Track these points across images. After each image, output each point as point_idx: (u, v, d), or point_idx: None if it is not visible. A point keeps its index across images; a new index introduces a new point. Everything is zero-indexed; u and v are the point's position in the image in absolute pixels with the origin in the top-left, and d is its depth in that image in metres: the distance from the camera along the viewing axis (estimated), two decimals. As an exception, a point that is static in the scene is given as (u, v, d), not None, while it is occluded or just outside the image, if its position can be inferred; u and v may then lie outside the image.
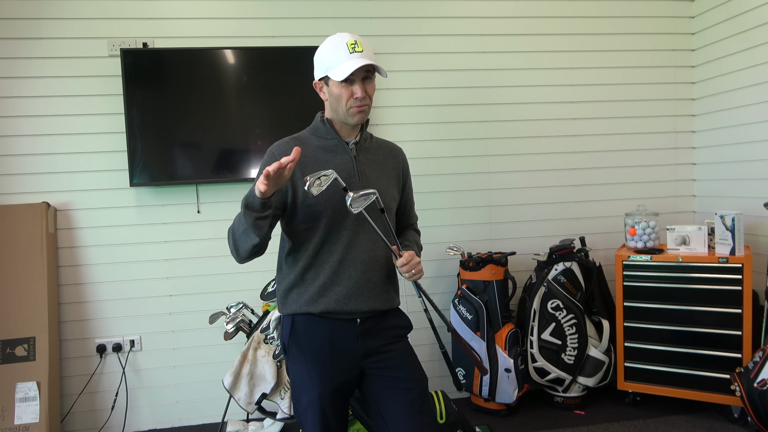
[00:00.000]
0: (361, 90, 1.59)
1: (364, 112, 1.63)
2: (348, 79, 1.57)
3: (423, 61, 3.26)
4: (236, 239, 1.55)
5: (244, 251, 1.56)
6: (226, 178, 3.01)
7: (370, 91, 1.63)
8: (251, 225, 1.48)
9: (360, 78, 1.59)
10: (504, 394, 2.99)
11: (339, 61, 1.57)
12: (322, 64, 1.62)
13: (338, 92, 1.60)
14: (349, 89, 1.59)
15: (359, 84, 1.59)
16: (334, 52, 1.58)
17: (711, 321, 2.82)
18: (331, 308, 1.62)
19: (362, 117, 1.64)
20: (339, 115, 1.65)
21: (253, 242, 1.51)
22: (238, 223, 1.53)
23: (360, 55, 1.57)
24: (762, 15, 2.95)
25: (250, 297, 2.93)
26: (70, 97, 2.94)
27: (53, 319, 2.86)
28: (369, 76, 1.62)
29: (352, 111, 1.62)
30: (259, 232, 1.50)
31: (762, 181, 3.01)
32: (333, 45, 1.60)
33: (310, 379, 1.61)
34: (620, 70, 3.44)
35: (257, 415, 2.72)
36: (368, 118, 1.70)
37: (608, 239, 3.45)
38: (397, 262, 1.61)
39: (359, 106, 1.61)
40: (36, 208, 2.86)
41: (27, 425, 2.67)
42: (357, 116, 1.63)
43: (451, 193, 3.33)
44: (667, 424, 2.86)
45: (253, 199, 1.46)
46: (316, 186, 1.44)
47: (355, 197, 1.48)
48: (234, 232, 1.56)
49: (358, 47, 1.57)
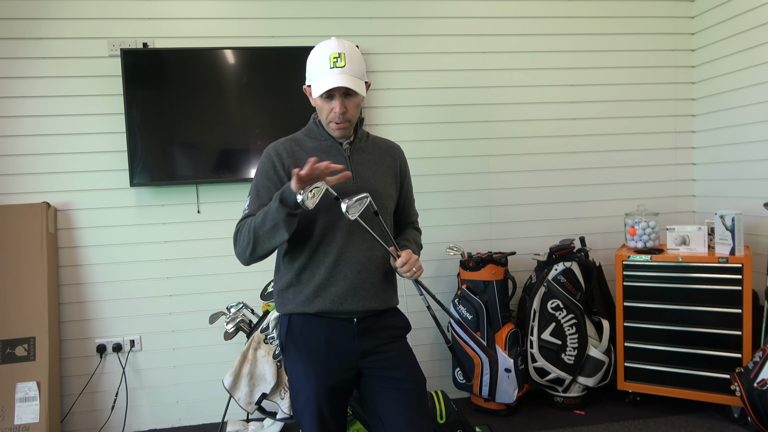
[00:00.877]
0: (340, 106, 1.57)
1: (343, 129, 1.63)
2: (327, 95, 1.57)
3: (422, 61, 3.26)
4: (258, 237, 1.54)
5: (264, 250, 1.55)
6: (226, 178, 3.02)
7: (351, 106, 1.60)
8: (283, 220, 1.48)
9: (340, 93, 1.57)
10: (504, 394, 2.99)
11: (319, 75, 1.56)
12: (308, 72, 1.63)
13: (319, 104, 1.62)
14: (328, 104, 1.59)
15: (339, 100, 1.57)
16: (317, 64, 1.57)
17: (711, 321, 2.82)
18: (326, 308, 1.62)
19: (342, 133, 1.64)
20: (323, 123, 1.67)
21: (283, 239, 1.51)
22: (263, 221, 1.52)
23: (340, 71, 1.54)
24: (762, 15, 2.95)
25: (250, 297, 2.93)
26: (70, 97, 2.94)
27: (53, 319, 2.87)
28: (351, 92, 1.59)
29: (332, 126, 1.63)
30: (289, 227, 1.50)
31: (762, 181, 3.01)
32: (318, 55, 1.58)
33: (306, 378, 1.61)
34: (620, 70, 3.44)
35: (257, 415, 2.72)
36: (362, 117, 1.70)
37: (608, 239, 3.45)
38: (396, 263, 1.60)
39: (337, 123, 1.61)
40: (36, 208, 2.86)
41: (27, 425, 2.67)
42: (336, 132, 1.64)
43: (451, 193, 3.33)
44: (667, 424, 2.86)
45: (290, 194, 1.46)
46: (310, 199, 1.45)
47: (350, 204, 1.48)
48: (255, 230, 1.54)
49: (340, 62, 1.54)
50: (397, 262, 1.60)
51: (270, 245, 1.54)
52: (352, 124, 1.65)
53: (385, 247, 1.62)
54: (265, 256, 1.59)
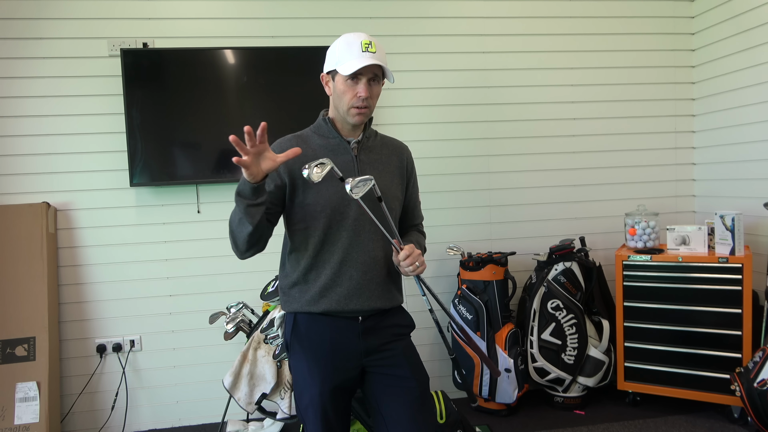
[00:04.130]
0: (365, 90, 1.58)
1: (363, 115, 1.63)
2: (355, 76, 1.57)
3: (423, 61, 3.26)
4: (233, 230, 1.55)
5: (242, 242, 1.55)
6: (226, 178, 3.01)
7: (375, 93, 1.62)
8: (243, 212, 1.47)
9: (367, 78, 1.59)
10: (504, 394, 3.00)
11: (349, 57, 1.57)
12: (333, 57, 1.62)
13: (342, 89, 1.60)
14: (353, 87, 1.59)
15: (365, 83, 1.59)
16: (347, 48, 1.58)
17: (711, 321, 2.82)
18: (332, 308, 1.62)
19: (361, 119, 1.63)
20: (340, 112, 1.65)
21: (247, 230, 1.50)
22: (234, 213, 1.53)
23: (372, 55, 1.57)
24: (762, 15, 2.95)
25: (250, 297, 2.93)
26: (70, 97, 2.94)
27: (53, 319, 2.86)
28: (376, 79, 1.61)
29: (353, 111, 1.61)
30: (251, 219, 1.48)
31: (762, 181, 3.01)
32: (347, 41, 1.60)
33: (311, 376, 1.61)
34: (620, 70, 3.44)
35: (257, 415, 2.72)
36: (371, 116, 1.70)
37: (608, 239, 3.45)
38: (399, 257, 1.60)
39: (359, 108, 1.60)
40: (36, 208, 2.86)
41: (27, 425, 2.67)
42: (356, 117, 1.62)
43: (451, 192, 3.33)
44: (667, 424, 2.86)
45: (244, 186, 1.45)
46: (315, 173, 1.44)
47: (354, 184, 1.47)
48: (231, 223, 1.55)
49: (371, 48, 1.57)
50: (399, 255, 1.59)
51: (243, 237, 1.53)
52: (371, 112, 1.65)
53: (387, 237, 1.61)
54: (252, 247, 1.57)
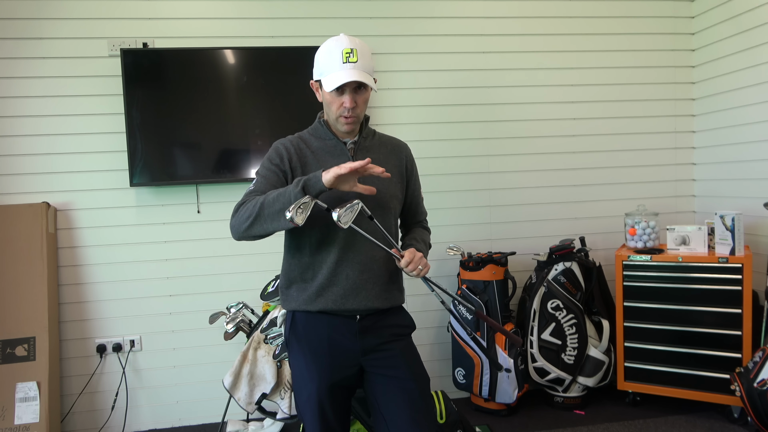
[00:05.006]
0: (350, 100, 1.58)
1: (352, 123, 1.64)
2: (339, 88, 1.57)
3: (423, 61, 3.26)
4: (262, 214, 1.51)
5: (261, 230, 1.53)
6: (226, 178, 3.01)
7: (361, 100, 1.62)
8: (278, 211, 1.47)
9: (351, 88, 1.58)
10: (504, 394, 3.00)
11: (331, 70, 1.57)
12: (318, 66, 1.63)
13: (329, 99, 1.62)
14: (338, 99, 1.60)
15: (349, 94, 1.58)
16: (329, 58, 1.58)
17: (711, 321, 2.82)
18: (328, 308, 1.63)
19: (350, 128, 1.65)
20: (330, 119, 1.68)
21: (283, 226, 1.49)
22: (274, 201, 1.49)
23: (352, 66, 1.55)
24: (762, 15, 2.95)
25: (250, 297, 2.93)
26: (69, 97, 2.94)
27: (53, 319, 2.86)
28: (362, 87, 1.61)
29: (341, 120, 1.63)
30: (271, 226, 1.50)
31: (762, 181, 3.01)
32: (329, 50, 1.59)
33: (309, 373, 1.62)
34: (620, 70, 3.44)
35: (257, 415, 2.72)
36: (368, 116, 1.71)
37: (608, 239, 3.45)
38: (401, 264, 1.60)
39: (347, 117, 1.61)
40: (36, 208, 2.86)
41: (27, 425, 2.67)
42: (345, 126, 1.64)
43: (451, 193, 3.33)
44: (667, 424, 2.86)
45: (316, 182, 1.46)
46: (299, 216, 1.40)
47: (341, 213, 1.45)
48: (263, 207, 1.50)
49: (352, 57, 1.55)
50: (401, 262, 1.59)
51: (269, 227, 1.51)
52: (359, 119, 1.66)
53: (386, 250, 1.61)
54: (257, 237, 1.56)
